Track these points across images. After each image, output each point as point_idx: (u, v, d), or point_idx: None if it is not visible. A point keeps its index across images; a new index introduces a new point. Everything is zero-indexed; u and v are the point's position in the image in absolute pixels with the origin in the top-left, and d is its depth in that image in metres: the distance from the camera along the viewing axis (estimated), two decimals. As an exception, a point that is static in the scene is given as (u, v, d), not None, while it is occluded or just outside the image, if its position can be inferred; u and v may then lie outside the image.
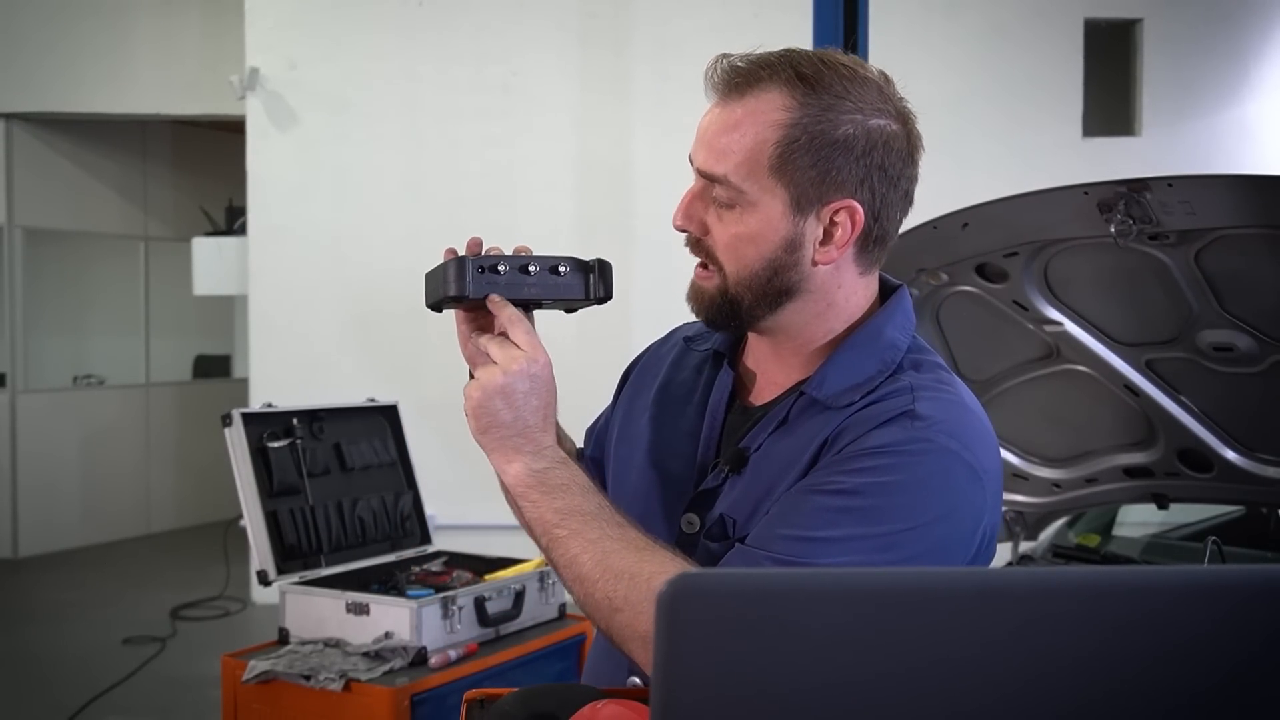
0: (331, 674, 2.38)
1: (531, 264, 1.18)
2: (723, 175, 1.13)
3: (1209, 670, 0.59)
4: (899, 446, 1.07)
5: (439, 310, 1.24)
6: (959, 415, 1.11)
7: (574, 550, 1.11)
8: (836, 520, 1.06)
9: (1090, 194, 1.90)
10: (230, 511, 4.61)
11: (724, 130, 1.14)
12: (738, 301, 1.16)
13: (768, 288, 1.15)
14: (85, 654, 4.88)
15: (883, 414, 1.10)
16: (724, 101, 1.15)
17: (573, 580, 1.12)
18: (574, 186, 5.78)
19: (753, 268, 1.15)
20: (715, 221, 1.16)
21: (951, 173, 5.42)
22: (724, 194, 1.14)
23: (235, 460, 2.75)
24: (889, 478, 1.06)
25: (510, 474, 1.16)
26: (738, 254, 1.15)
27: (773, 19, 5.28)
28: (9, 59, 6.75)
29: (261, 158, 5.79)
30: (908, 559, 1.06)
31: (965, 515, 1.09)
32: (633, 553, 1.09)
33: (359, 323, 5.75)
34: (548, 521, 1.13)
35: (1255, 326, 2.01)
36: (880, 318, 1.20)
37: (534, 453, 1.15)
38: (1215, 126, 5.73)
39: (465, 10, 5.76)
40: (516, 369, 1.15)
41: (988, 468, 1.11)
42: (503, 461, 1.16)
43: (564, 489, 1.14)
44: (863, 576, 0.64)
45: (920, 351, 1.20)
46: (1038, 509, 2.61)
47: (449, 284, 1.17)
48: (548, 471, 1.15)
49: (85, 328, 8.01)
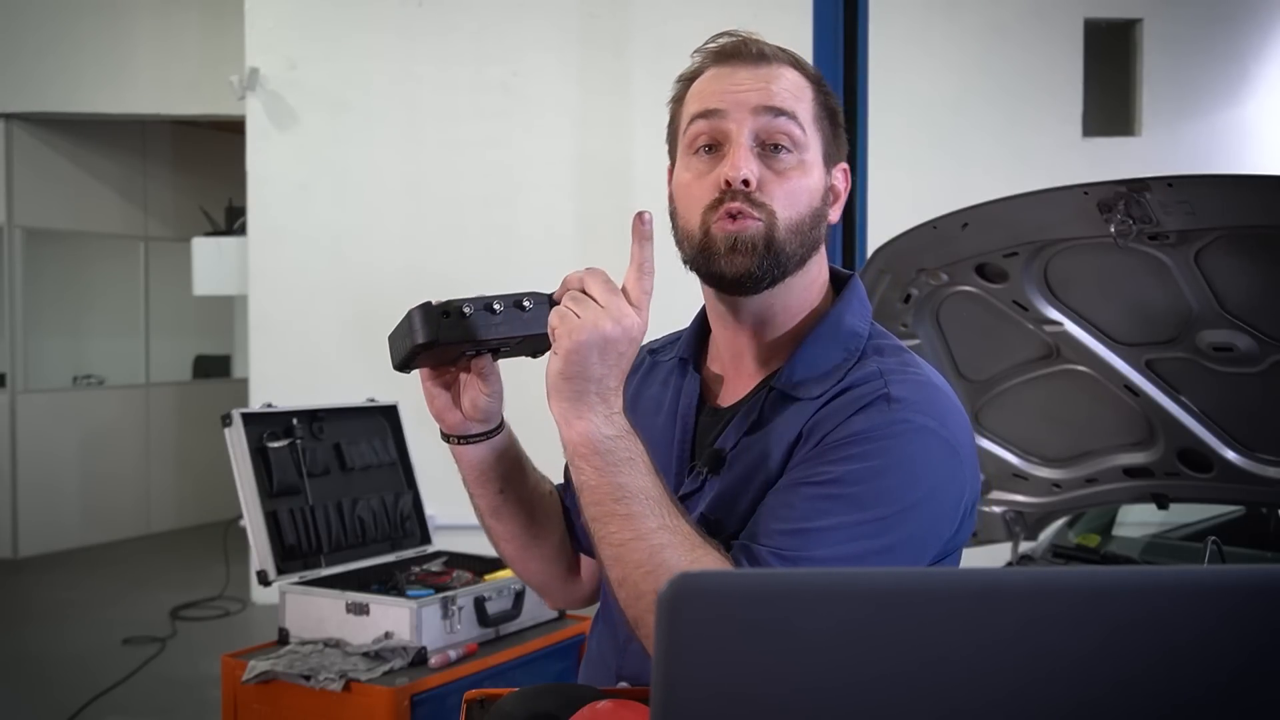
0: (331, 674, 2.38)
1: (496, 302, 1.14)
2: (794, 112, 1.18)
3: (1209, 670, 0.59)
4: (879, 430, 1.09)
5: (407, 369, 1.20)
6: (931, 394, 1.14)
7: (627, 534, 1.06)
8: (828, 509, 1.07)
9: (1090, 194, 1.90)
10: (230, 511, 4.61)
11: (777, 79, 1.19)
12: (783, 248, 1.17)
13: (807, 238, 1.19)
14: (85, 654, 4.88)
15: (858, 401, 1.12)
16: (755, 65, 1.19)
17: (615, 559, 1.07)
18: (574, 186, 5.78)
19: (803, 215, 1.18)
20: (768, 173, 1.17)
21: (951, 173, 5.44)
22: (789, 131, 1.17)
23: (235, 460, 2.75)
24: (873, 462, 1.08)
25: (577, 430, 1.08)
26: (794, 201, 1.18)
27: (773, 19, 5.28)
28: (9, 59, 6.75)
29: (261, 158, 5.78)
30: (901, 540, 1.08)
31: (949, 491, 1.12)
32: (687, 551, 1.06)
33: (359, 323, 5.75)
34: (605, 494, 1.08)
35: (1255, 326, 2.01)
36: (839, 308, 1.23)
37: (607, 415, 1.09)
38: (1215, 126, 5.72)
39: (465, 10, 5.76)
40: (628, 323, 1.08)
41: (963, 441, 1.14)
42: (573, 415, 1.08)
43: (629, 463, 1.08)
44: (863, 576, 0.64)
45: (880, 336, 1.23)
46: (1038, 509, 2.61)
47: (416, 332, 1.13)
48: (615, 440, 1.08)
49: (85, 328, 8.01)
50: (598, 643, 1.36)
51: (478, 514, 1.34)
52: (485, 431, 1.26)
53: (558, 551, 1.39)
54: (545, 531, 1.37)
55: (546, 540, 1.37)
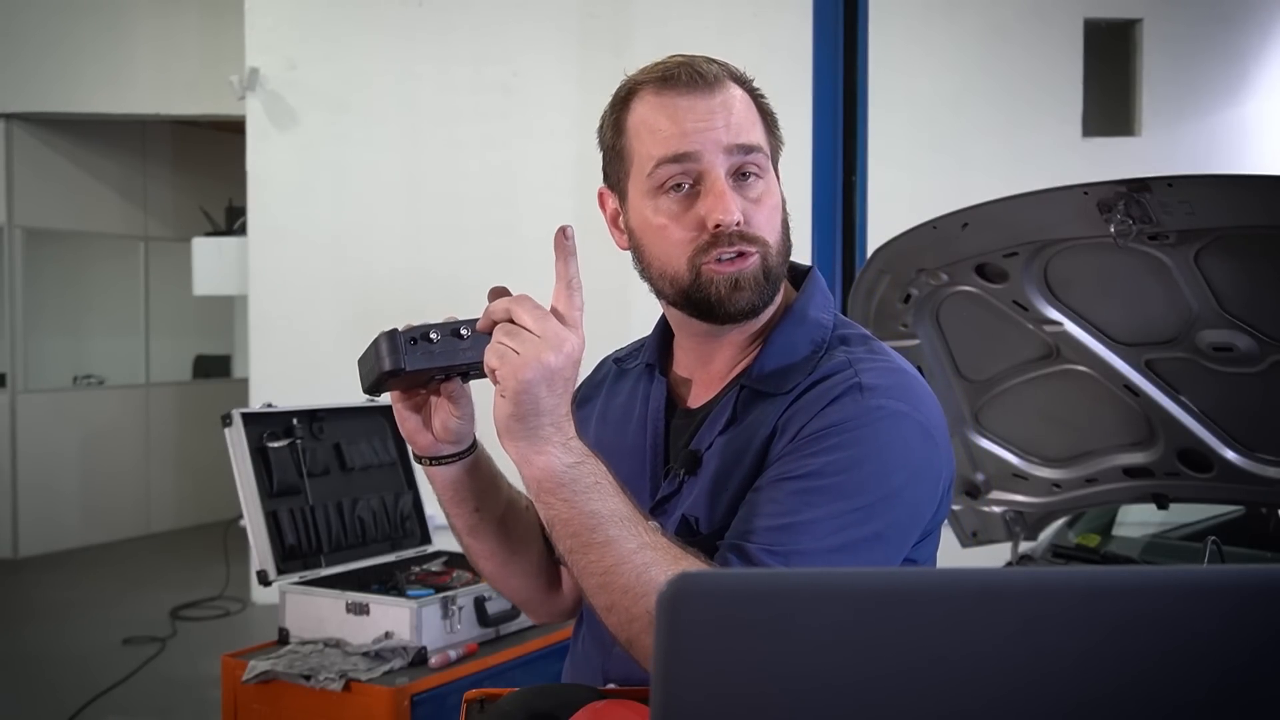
0: (331, 674, 2.38)
1: (463, 328, 1.12)
2: (758, 144, 1.18)
3: (1209, 670, 0.59)
4: (854, 420, 1.10)
5: (377, 393, 1.19)
6: (901, 380, 1.15)
7: (610, 560, 1.04)
8: (812, 501, 1.08)
9: (1090, 194, 1.90)
10: (230, 511, 4.61)
11: (734, 107, 1.18)
12: (775, 271, 1.19)
13: (786, 249, 1.21)
14: (85, 654, 4.88)
15: (830, 392, 1.13)
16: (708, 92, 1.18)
17: (600, 588, 1.05)
18: (574, 186, 5.77)
19: (782, 233, 1.20)
20: (746, 203, 1.18)
21: (951, 173, 5.44)
22: (759, 164, 1.18)
23: (235, 460, 2.75)
24: (852, 451, 1.09)
25: (538, 467, 1.06)
26: (773, 222, 1.19)
27: (772, 19, 5.28)
28: (9, 59, 6.75)
29: (261, 158, 5.78)
30: (888, 526, 1.09)
31: (927, 474, 1.13)
32: (671, 564, 1.05)
33: (359, 323, 5.73)
34: (579, 525, 1.05)
35: (1255, 326, 2.01)
36: (801, 301, 1.24)
37: (564, 444, 1.06)
38: (1215, 126, 5.72)
39: (465, 10, 5.76)
40: (569, 348, 1.05)
41: (936, 423, 1.15)
42: (531, 453, 1.06)
43: (597, 488, 1.06)
44: (863, 576, 0.65)
45: (845, 326, 1.24)
46: (1038, 509, 2.61)
47: (382, 359, 1.12)
48: (579, 467, 1.06)
49: (85, 328, 8.01)
50: (583, 644, 1.36)
51: (455, 533, 1.33)
52: (457, 453, 1.24)
53: (537, 567, 1.39)
54: (523, 547, 1.36)
55: (525, 556, 1.36)
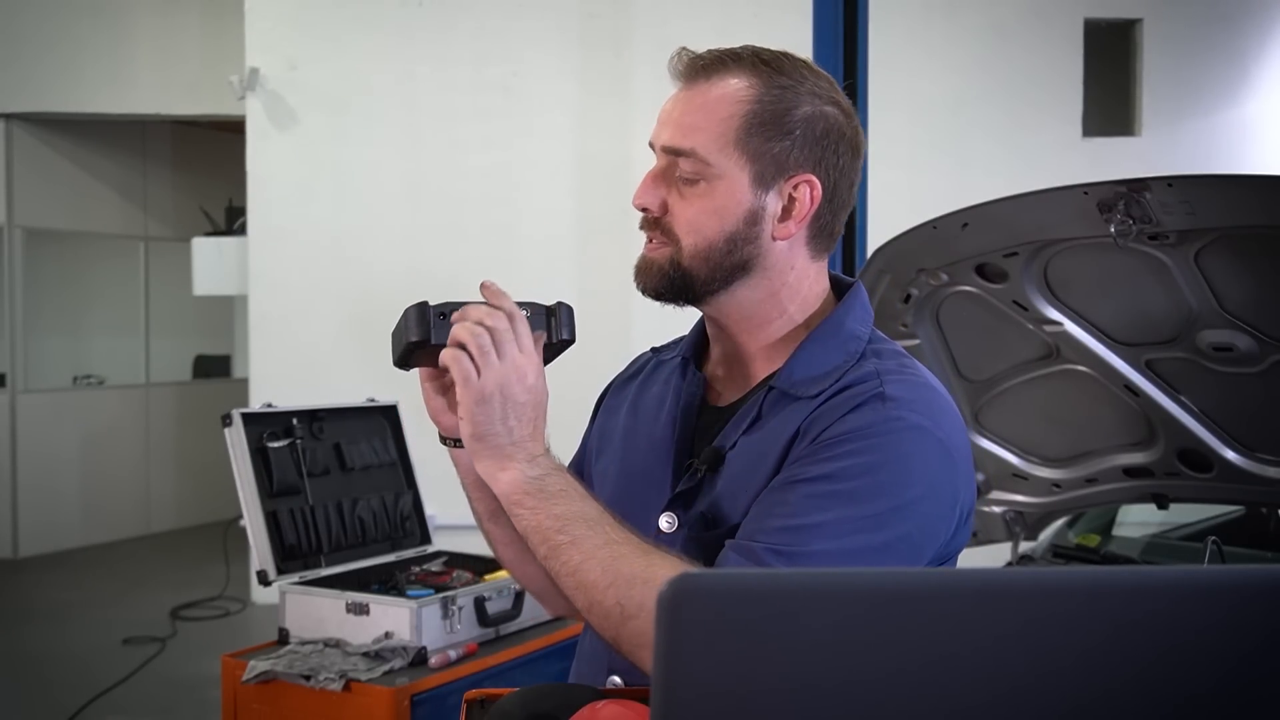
0: (331, 674, 2.38)
1: None
2: (690, 149, 1.17)
3: (1209, 670, 0.59)
4: (874, 428, 1.10)
5: (406, 366, 1.22)
6: (927, 395, 1.14)
7: (577, 557, 1.08)
8: (824, 505, 1.07)
9: (1090, 194, 1.90)
10: (230, 511, 4.61)
11: (691, 109, 1.18)
12: (691, 274, 1.19)
13: (724, 261, 1.18)
14: (85, 654, 4.88)
15: (853, 399, 1.12)
16: (690, 85, 1.19)
17: (576, 588, 1.09)
18: (574, 186, 5.78)
19: (712, 241, 1.18)
20: (677, 199, 1.19)
21: (951, 173, 5.44)
22: (690, 168, 1.17)
23: (235, 460, 2.74)
24: (868, 458, 1.08)
25: (503, 482, 1.13)
26: (699, 228, 1.18)
27: (773, 19, 5.28)
28: (9, 59, 6.75)
29: (261, 158, 5.79)
30: (897, 538, 1.08)
31: (944, 492, 1.12)
32: (641, 557, 1.08)
33: (359, 323, 5.74)
34: (547, 528, 1.10)
35: (1255, 326, 2.01)
36: (840, 311, 1.23)
37: (529, 459, 1.13)
38: (1215, 126, 5.72)
39: (465, 10, 5.76)
40: (530, 382, 1.13)
41: (958, 444, 1.14)
42: (494, 469, 1.13)
43: (562, 494, 1.11)
44: (863, 576, 0.64)
45: (880, 341, 1.23)
46: (1038, 509, 2.61)
47: (410, 330, 1.15)
48: (544, 479, 1.12)
49: (85, 328, 8.01)
50: (590, 637, 1.36)
51: (476, 518, 1.34)
52: None
53: None
54: None
55: None
